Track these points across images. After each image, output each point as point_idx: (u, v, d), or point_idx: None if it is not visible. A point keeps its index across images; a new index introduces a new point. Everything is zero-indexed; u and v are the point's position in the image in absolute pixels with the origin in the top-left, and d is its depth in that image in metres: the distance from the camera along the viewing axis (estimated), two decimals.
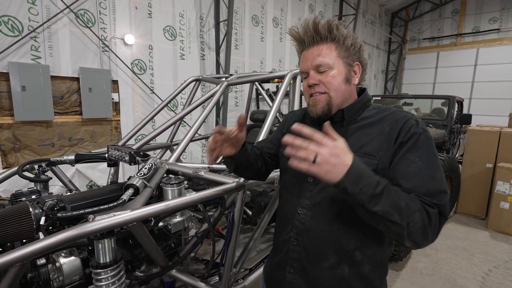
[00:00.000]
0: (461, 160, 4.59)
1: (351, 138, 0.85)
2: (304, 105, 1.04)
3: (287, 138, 0.65)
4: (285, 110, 5.56)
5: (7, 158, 3.33)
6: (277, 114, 1.73)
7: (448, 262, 2.94)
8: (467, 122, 4.54)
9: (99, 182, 3.91)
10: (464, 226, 3.79)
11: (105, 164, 3.79)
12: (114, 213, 0.93)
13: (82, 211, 0.99)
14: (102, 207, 0.99)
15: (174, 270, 1.32)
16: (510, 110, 8.76)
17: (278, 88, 5.63)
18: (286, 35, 6.80)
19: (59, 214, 1.01)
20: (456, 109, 4.57)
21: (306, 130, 0.65)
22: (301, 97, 4.38)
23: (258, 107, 5.99)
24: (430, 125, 4.50)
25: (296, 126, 0.66)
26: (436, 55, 10.35)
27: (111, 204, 1.00)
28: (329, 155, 0.63)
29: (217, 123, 5.43)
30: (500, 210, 3.59)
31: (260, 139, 1.50)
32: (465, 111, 8.89)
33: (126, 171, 4.16)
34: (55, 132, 3.61)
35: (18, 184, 3.05)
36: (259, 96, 6.03)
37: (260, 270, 1.57)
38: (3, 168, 3.30)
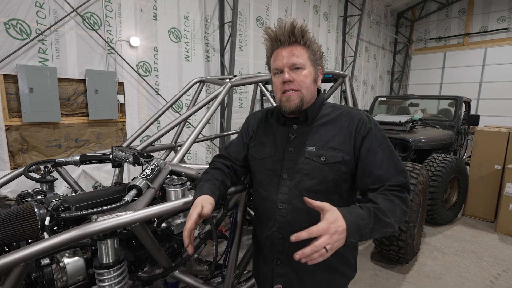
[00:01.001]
0: (468, 162, 4.51)
1: (316, 135, 0.98)
2: None
3: (298, 257, 0.70)
4: None
5: (15, 159, 3.38)
6: None
7: (456, 265, 2.89)
8: (475, 123, 4.47)
9: (104, 183, 3.95)
10: (472, 229, 3.72)
11: (110, 165, 3.82)
12: (116, 214, 0.93)
13: (86, 212, 0.99)
14: (105, 207, 0.99)
15: (177, 271, 1.32)
16: None
17: None
18: None
19: (63, 215, 1.02)
20: (463, 109, 4.51)
21: (303, 236, 0.71)
22: None
23: (262, 108, 5.98)
24: (437, 126, 4.44)
25: (293, 239, 0.72)
26: (443, 55, 10.22)
27: (114, 205, 1.01)
28: (330, 238, 0.71)
29: (221, 124, 5.44)
30: (509, 212, 3.51)
31: None
32: (472, 112, 8.77)
33: (132, 172, 4.20)
34: (61, 133, 3.66)
35: (26, 184, 3.10)
36: (263, 97, 6.02)
37: None
38: (11, 169, 3.35)
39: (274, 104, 2.37)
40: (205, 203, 0.93)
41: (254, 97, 3.37)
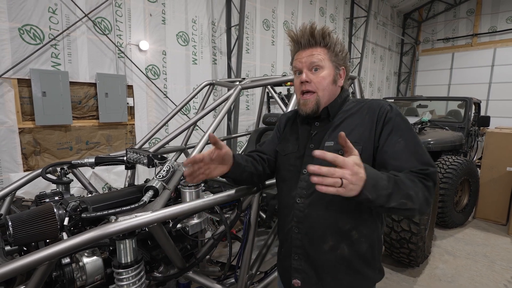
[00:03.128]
0: (479, 164, 4.45)
1: (336, 130, 0.97)
2: None
3: (312, 168, 0.67)
4: None
5: (28, 161, 3.45)
6: None
7: (468, 269, 2.84)
8: (485, 125, 4.41)
9: (114, 184, 4.00)
10: (484, 232, 3.66)
11: (120, 167, 3.83)
12: (136, 214, 0.95)
13: (106, 212, 1.01)
14: (124, 208, 1.01)
15: (190, 272, 1.34)
16: None
17: (289, 91, 5.63)
18: None
19: (83, 215, 1.05)
20: (473, 111, 4.45)
21: (329, 155, 0.68)
22: None
23: (269, 110, 6.00)
24: (447, 128, 4.39)
25: (318, 153, 0.68)
26: (451, 56, 10.12)
27: (133, 206, 1.03)
28: (351, 175, 0.68)
29: (228, 127, 5.47)
30: None
31: None
32: (482, 113, 8.63)
33: (140, 175, 4.24)
34: (73, 136, 3.73)
35: (38, 186, 3.16)
36: (270, 99, 6.04)
37: (276, 273, 1.57)
38: (24, 171, 3.42)
39: (283, 107, 2.39)
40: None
41: (262, 100, 3.39)
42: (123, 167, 1.75)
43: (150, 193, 1.12)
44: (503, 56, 9.05)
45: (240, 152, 3.31)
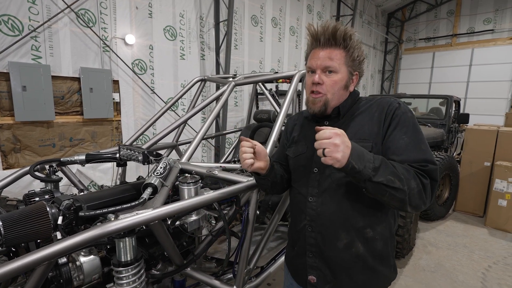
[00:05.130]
0: (458, 159, 4.66)
1: (346, 128, 0.95)
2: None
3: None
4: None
5: (7, 159, 3.29)
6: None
7: (449, 259, 2.99)
8: (465, 121, 4.62)
9: (100, 182, 3.88)
10: (463, 224, 3.85)
11: (106, 164, 3.73)
12: (137, 212, 0.93)
13: (106, 210, 0.99)
14: (124, 206, 1.00)
15: (188, 269, 1.33)
16: (505, 110, 8.91)
17: (278, 87, 5.65)
18: (285, 35, 6.83)
19: (81, 213, 1.02)
20: (453, 108, 4.65)
21: (319, 132, 0.78)
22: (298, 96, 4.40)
23: (258, 107, 6.00)
24: (429, 125, 4.56)
25: (316, 128, 0.80)
26: (432, 55, 10.47)
27: (133, 203, 1.01)
28: (329, 142, 0.75)
29: (217, 124, 5.43)
30: (498, 207, 3.65)
31: (271, 140, 1.53)
32: (461, 111, 9.01)
33: (127, 171, 4.14)
34: (56, 132, 3.58)
35: (19, 184, 3.02)
36: (259, 96, 6.03)
37: (272, 268, 1.59)
38: (3, 169, 3.26)
39: (274, 103, 2.39)
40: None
41: (253, 96, 3.39)
42: (108, 164, 1.71)
43: (149, 190, 1.10)
44: (480, 56, 9.46)
45: (231, 149, 3.30)
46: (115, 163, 1.61)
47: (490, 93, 9.26)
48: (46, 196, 1.33)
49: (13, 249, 1.26)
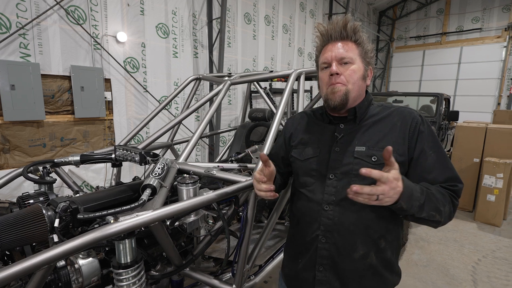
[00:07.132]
0: (448, 155, 4.75)
1: (365, 134, 0.93)
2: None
3: (355, 188, 0.72)
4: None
5: None
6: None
7: (441, 253, 3.07)
8: (455, 119, 4.71)
9: (92, 182, 3.83)
10: (453, 219, 3.93)
11: (99, 164, 3.68)
12: (137, 213, 0.93)
13: (105, 212, 0.98)
14: (124, 207, 0.99)
15: (187, 269, 1.33)
16: (493, 107, 9.14)
17: (271, 85, 5.65)
18: (278, 33, 6.83)
19: (79, 216, 1.01)
20: (444, 106, 4.73)
21: (375, 173, 0.71)
22: (293, 95, 4.42)
23: (251, 106, 5.99)
24: None
25: (364, 171, 0.71)
26: (422, 54, 10.64)
27: (133, 205, 1.00)
28: (389, 190, 0.72)
29: (211, 122, 5.40)
30: (487, 202, 3.76)
31: (269, 139, 1.52)
32: (450, 108, 9.19)
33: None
34: (46, 132, 3.51)
35: (9, 186, 2.95)
36: (253, 94, 6.03)
37: (270, 266, 1.60)
38: None
39: (269, 102, 2.39)
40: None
41: (248, 95, 3.38)
42: (101, 164, 1.68)
43: (148, 191, 1.09)
44: (468, 54, 9.66)
45: (226, 148, 3.29)
46: (108, 163, 1.59)
47: (478, 90, 9.48)
48: (41, 198, 1.30)
49: (7, 253, 1.24)
